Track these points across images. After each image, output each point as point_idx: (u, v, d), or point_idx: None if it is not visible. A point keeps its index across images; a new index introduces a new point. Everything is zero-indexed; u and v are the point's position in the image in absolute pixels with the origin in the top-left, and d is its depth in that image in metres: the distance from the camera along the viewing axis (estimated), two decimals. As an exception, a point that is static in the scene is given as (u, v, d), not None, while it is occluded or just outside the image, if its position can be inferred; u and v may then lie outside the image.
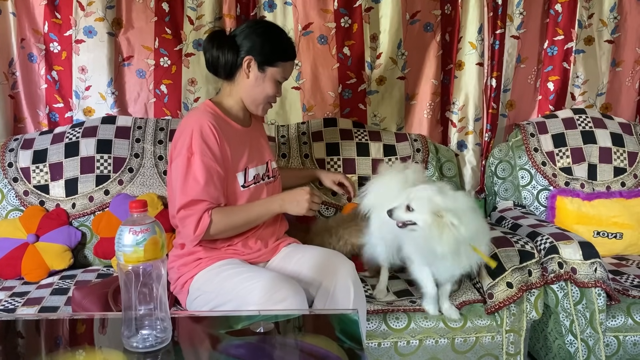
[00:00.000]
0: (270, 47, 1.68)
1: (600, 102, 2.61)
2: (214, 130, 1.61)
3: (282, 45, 1.71)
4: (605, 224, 2.27)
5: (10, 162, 2.15)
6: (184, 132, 1.63)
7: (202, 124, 1.61)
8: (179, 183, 1.60)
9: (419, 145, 2.39)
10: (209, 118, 1.63)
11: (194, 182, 1.58)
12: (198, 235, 1.59)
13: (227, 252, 1.70)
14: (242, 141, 1.73)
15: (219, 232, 1.63)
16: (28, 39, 2.29)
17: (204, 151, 1.59)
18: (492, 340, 1.82)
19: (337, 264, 1.64)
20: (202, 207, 1.58)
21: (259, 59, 1.67)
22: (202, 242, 1.68)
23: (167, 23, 2.31)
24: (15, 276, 1.98)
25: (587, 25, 2.52)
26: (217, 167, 1.61)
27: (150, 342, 1.07)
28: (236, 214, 1.66)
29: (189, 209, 1.58)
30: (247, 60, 1.67)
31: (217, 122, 1.64)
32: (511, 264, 1.79)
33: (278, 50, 1.69)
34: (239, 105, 1.75)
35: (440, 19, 2.46)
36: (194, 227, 1.58)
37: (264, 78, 1.69)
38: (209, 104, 1.72)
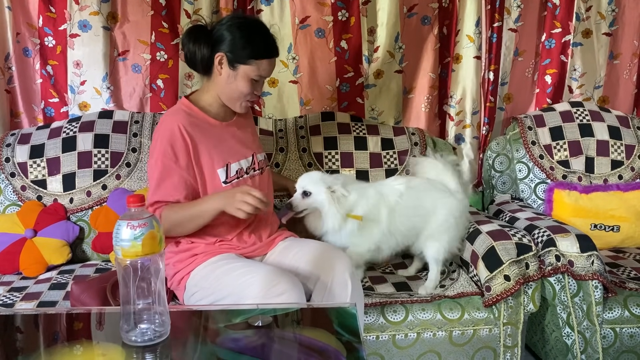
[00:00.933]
0: (243, 44, 1.63)
1: (597, 95, 2.61)
2: (184, 131, 1.62)
3: (256, 42, 1.65)
4: (602, 217, 2.27)
5: (8, 157, 2.14)
6: (156, 133, 1.66)
7: (171, 127, 1.62)
8: (150, 181, 1.66)
9: (417, 138, 2.39)
10: (180, 118, 1.64)
11: (155, 185, 1.62)
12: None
13: (222, 247, 1.70)
14: (221, 137, 1.71)
15: (168, 228, 1.60)
16: (23, 33, 2.28)
17: (167, 153, 1.61)
18: (490, 332, 1.83)
19: (334, 258, 1.64)
20: (157, 207, 1.61)
21: (230, 56, 1.64)
22: (196, 238, 1.69)
23: (164, 17, 2.30)
24: (13, 271, 1.98)
25: (584, 18, 2.51)
26: (179, 169, 1.62)
27: (148, 336, 1.08)
28: (182, 209, 1.62)
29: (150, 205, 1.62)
30: (219, 56, 1.65)
31: (191, 120, 1.65)
32: (509, 257, 1.79)
33: (251, 48, 1.64)
34: (217, 101, 1.73)
35: (437, 12, 2.46)
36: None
37: (235, 76, 1.66)
38: (184, 101, 1.72)
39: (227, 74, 1.66)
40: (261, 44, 1.66)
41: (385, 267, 2.06)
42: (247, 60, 1.64)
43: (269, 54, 1.67)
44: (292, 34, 2.38)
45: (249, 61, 1.64)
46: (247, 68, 1.64)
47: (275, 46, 1.70)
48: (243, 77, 1.65)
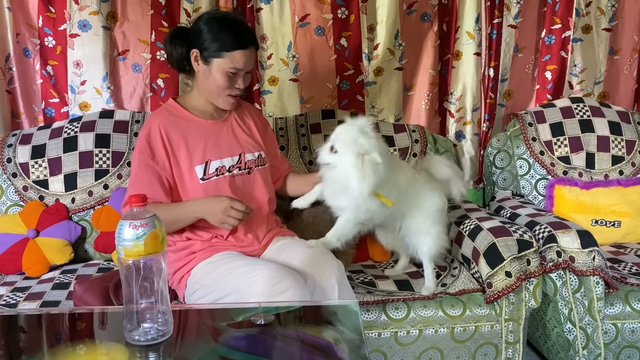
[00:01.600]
0: (212, 37, 1.64)
1: (598, 91, 2.61)
2: (162, 129, 1.67)
3: (225, 35, 1.64)
4: (603, 213, 2.27)
5: (9, 157, 2.14)
6: (139, 133, 1.72)
7: (150, 126, 1.68)
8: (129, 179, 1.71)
9: (417, 136, 2.39)
10: (161, 118, 1.70)
11: (131, 182, 1.68)
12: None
13: (219, 245, 1.71)
14: (205, 134, 1.72)
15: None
16: (22, 34, 2.28)
17: (144, 151, 1.66)
18: (492, 329, 1.83)
19: (323, 262, 1.64)
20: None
21: (202, 51, 1.66)
22: (191, 234, 1.70)
23: (164, 16, 2.30)
24: (16, 271, 1.98)
25: (584, 14, 2.51)
26: (155, 165, 1.66)
27: (152, 335, 1.08)
28: (161, 210, 1.60)
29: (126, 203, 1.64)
30: (193, 53, 1.68)
31: (172, 119, 1.70)
32: (510, 254, 1.79)
33: (220, 41, 1.63)
34: (204, 101, 1.76)
35: (437, 9, 2.45)
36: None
37: (210, 70, 1.67)
38: (169, 102, 1.77)
39: (202, 70, 1.69)
40: (230, 36, 1.64)
41: (387, 265, 2.07)
42: (218, 54, 1.64)
43: (240, 45, 1.64)
44: (291, 32, 2.38)
45: (220, 54, 1.64)
46: (220, 61, 1.64)
47: (247, 37, 1.67)
48: (217, 71, 1.66)
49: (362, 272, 1.98)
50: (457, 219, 2.10)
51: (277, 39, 2.39)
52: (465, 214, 2.09)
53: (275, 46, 2.39)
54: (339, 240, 1.70)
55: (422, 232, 1.86)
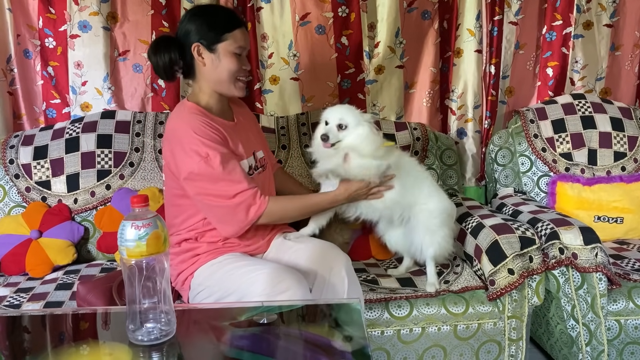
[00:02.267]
0: (208, 24, 1.64)
1: (599, 87, 2.61)
2: (207, 124, 1.61)
3: (219, 17, 1.67)
4: (605, 209, 2.27)
5: (12, 158, 2.15)
6: (182, 139, 1.60)
7: (192, 125, 1.60)
8: (212, 185, 1.59)
9: (419, 133, 2.39)
10: (198, 118, 1.62)
11: (225, 180, 1.58)
12: (252, 219, 1.61)
13: (225, 247, 1.71)
14: (231, 134, 1.70)
15: (273, 219, 1.66)
16: (23, 35, 2.28)
17: (214, 147, 1.58)
18: (495, 326, 1.83)
19: (331, 256, 1.65)
20: (246, 195, 1.59)
21: (205, 41, 1.64)
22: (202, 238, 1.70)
23: (164, 16, 2.30)
24: (19, 272, 1.99)
25: (585, 10, 2.51)
26: (232, 155, 1.62)
27: (155, 335, 1.08)
28: (294, 202, 1.72)
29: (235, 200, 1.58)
30: (195, 47, 1.65)
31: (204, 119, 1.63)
32: (512, 251, 1.79)
33: (218, 24, 1.64)
34: (214, 98, 1.71)
35: (437, 6, 2.45)
36: (246, 212, 1.60)
37: (218, 57, 1.65)
38: (188, 104, 1.68)
39: (210, 60, 1.65)
40: (226, 17, 1.67)
41: (390, 264, 2.07)
42: (221, 37, 1.64)
43: (237, 23, 1.67)
44: (292, 31, 2.38)
45: (223, 37, 1.64)
46: (225, 44, 1.64)
47: (238, 16, 1.72)
48: (225, 55, 1.65)
49: (365, 271, 1.98)
50: (459, 217, 2.10)
51: (278, 37, 2.39)
52: (468, 212, 2.09)
53: (276, 45, 2.39)
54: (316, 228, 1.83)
55: (429, 231, 1.84)
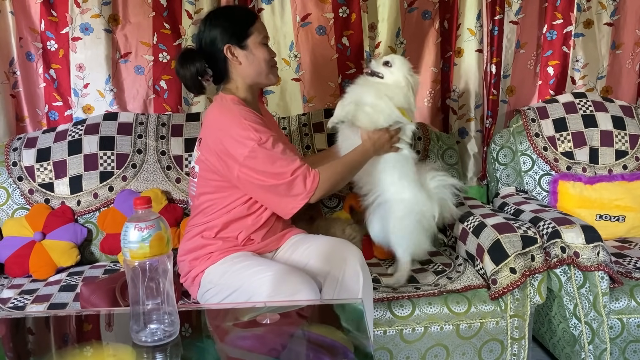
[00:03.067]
0: (232, 24, 1.71)
1: (600, 86, 2.60)
2: (251, 112, 1.67)
3: (239, 15, 1.75)
4: (607, 207, 2.27)
5: (15, 161, 2.16)
6: (230, 128, 1.63)
7: (241, 113, 1.65)
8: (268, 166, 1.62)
9: (420, 133, 2.39)
10: (244, 107, 1.68)
11: (281, 159, 1.62)
12: (310, 190, 1.63)
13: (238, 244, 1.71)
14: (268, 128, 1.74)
15: (327, 189, 1.68)
16: (25, 38, 2.29)
17: (263, 131, 1.63)
18: (497, 325, 1.84)
19: (345, 251, 1.65)
20: (302, 170, 1.63)
21: (235, 41, 1.70)
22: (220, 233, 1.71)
23: (165, 18, 2.31)
24: (23, 274, 2.00)
25: (586, 9, 2.50)
26: (277, 135, 1.68)
27: (158, 336, 1.09)
28: (338, 165, 1.75)
29: (292, 176, 1.62)
30: (227, 49, 1.69)
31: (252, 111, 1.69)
32: (514, 250, 1.80)
33: (240, 21, 1.72)
34: (251, 94, 1.78)
35: (438, 6, 2.46)
36: (303, 184, 1.63)
37: (251, 51, 1.71)
38: (231, 97, 1.72)
39: (244, 56, 1.71)
40: (243, 13, 1.77)
41: (392, 262, 2.07)
42: (247, 32, 1.71)
43: (254, 16, 1.78)
44: (293, 32, 2.38)
45: (249, 31, 1.71)
46: (252, 38, 1.71)
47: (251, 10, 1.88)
48: (256, 47, 1.71)
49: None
50: (461, 216, 2.10)
51: (279, 38, 2.39)
52: (469, 211, 2.09)
53: (277, 46, 2.39)
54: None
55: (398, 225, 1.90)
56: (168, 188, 2.16)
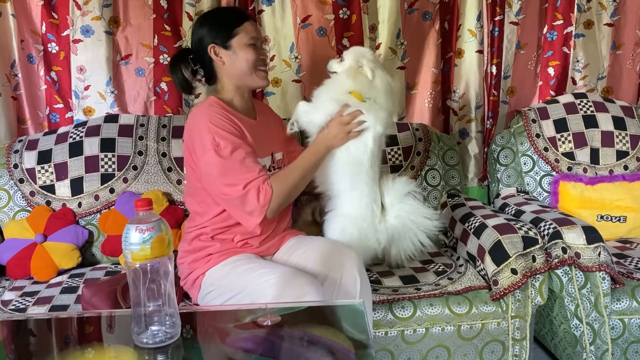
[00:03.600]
0: (218, 24, 1.72)
1: (601, 86, 2.60)
2: (223, 117, 1.64)
3: (226, 15, 1.75)
4: (608, 208, 2.27)
5: (16, 163, 2.16)
6: (200, 130, 1.63)
7: (209, 116, 1.64)
8: (221, 176, 1.60)
9: (421, 134, 2.39)
10: (216, 110, 1.66)
11: (235, 169, 1.59)
12: (263, 205, 1.58)
13: (238, 247, 1.71)
14: (252, 133, 1.72)
15: (284, 199, 1.64)
16: (27, 40, 2.30)
17: (226, 137, 1.61)
18: (498, 326, 1.84)
19: (342, 254, 1.65)
20: (256, 182, 1.59)
21: (218, 40, 1.71)
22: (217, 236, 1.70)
23: (166, 20, 2.31)
24: (24, 276, 2.00)
25: (586, 9, 2.51)
26: (244, 145, 1.63)
27: (160, 338, 1.09)
28: (290, 173, 1.68)
29: (244, 189, 1.59)
30: (211, 49, 1.71)
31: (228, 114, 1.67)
32: (515, 251, 1.80)
33: (226, 21, 1.71)
34: (237, 95, 1.76)
35: (438, 7, 2.46)
36: (257, 198, 1.58)
37: (234, 51, 1.70)
38: (213, 99, 1.72)
39: (228, 57, 1.71)
40: (232, 14, 1.76)
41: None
42: (232, 32, 1.70)
43: (244, 17, 1.74)
44: (293, 33, 2.38)
45: (234, 32, 1.70)
46: (238, 38, 1.70)
47: (243, 11, 1.82)
48: (241, 48, 1.70)
49: (368, 270, 1.97)
50: (462, 217, 2.10)
51: (280, 40, 2.40)
52: (470, 212, 2.09)
53: (277, 47, 2.40)
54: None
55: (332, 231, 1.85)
56: (169, 190, 2.17)
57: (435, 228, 1.91)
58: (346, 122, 1.72)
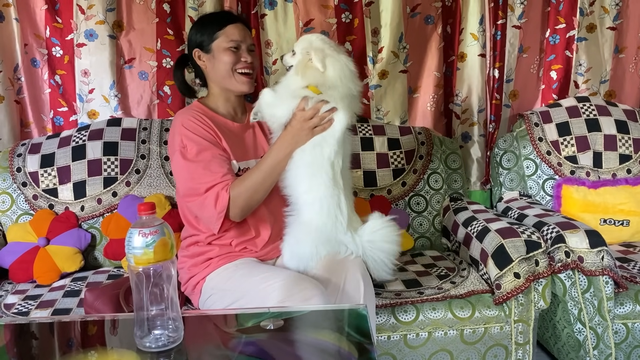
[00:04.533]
0: (202, 29, 1.74)
1: (604, 90, 2.60)
2: (198, 119, 1.66)
3: (209, 20, 1.76)
4: (611, 212, 2.27)
5: (19, 167, 2.17)
6: (173, 132, 1.69)
7: (183, 118, 1.67)
8: (185, 180, 1.63)
9: (423, 138, 2.39)
10: (192, 113, 1.69)
11: (197, 172, 1.60)
12: (220, 211, 1.56)
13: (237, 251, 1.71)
14: (231, 135, 1.72)
15: (244, 202, 1.59)
16: (30, 44, 2.31)
17: (194, 139, 1.63)
18: (501, 330, 1.83)
19: (345, 259, 1.64)
20: (216, 188, 1.58)
21: (201, 45, 1.73)
22: (215, 241, 1.70)
23: (169, 24, 2.32)
24: (27, 279, 2.00)
25: (588, 13, 2.51)
26: (212, 148, 1.63)
27: (162, 342, 1.09)
28: (249, 175, 1.61)
29: (205, 193, 1.58)
30: (195, 53, 1.75)
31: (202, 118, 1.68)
32: (518, 255, 1.79)
33: (208, 26, 1.73)
34: (222, 99, 1.78)
35: (441, 11, 2.46)
36: (214, 204, 1.57)
37: (214, 54, 1.72)
38: (196, 103, 1.77)
39: (209, 60, 1.74)
40: (216, 18, 1.76)
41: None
42: (212, 37, 1.72)
43: (227, 21, 1.73)
44: (296, 37, 2.39)
45: (214, 36, 1.71)
46: (217, 42, 1.71)
47: (230, 15, 1.79)
48: (219, 51, 1.71)
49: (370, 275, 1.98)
50: (464, 221, 2.10)
51: (282, 44, 2.40)
52: (473, 216, 2.09)
53: (280, 51, 2.40)
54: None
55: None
56: (171, 193, 2.17)
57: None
58: (309, 117, 1.57)
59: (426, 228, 2.33)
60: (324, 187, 1.61)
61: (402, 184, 2.33)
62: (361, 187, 2.30)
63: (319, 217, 1.61)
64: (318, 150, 1.60)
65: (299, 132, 1.59)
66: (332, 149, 1.60)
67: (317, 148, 1.60)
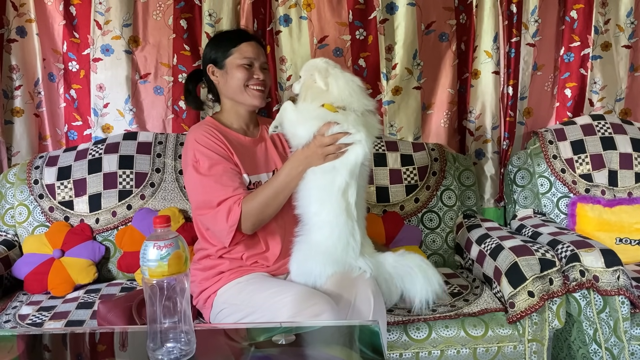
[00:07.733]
0: (217, 46, 1.80)
1: (619, 108, 2.59)
2: (210, 134, 1.70)
3: (223, 37, 1.83)
4: (627, 231, 2.24)
5: (36, 179, 2.20)
6: (186, 147, 1.73)
7: (196, 134, 1.71)
8: (197, 194, 1.67)
9: (437, 154, 2.39)
10: (205, 128, 1.73)
11: (210, 186, 1.63)
12: (232, 224, 1.59)
13: (248, 265, 1.71)
14: (243, 149, 1.75)
15: (256, 217, 1.61)
16: (48, 59, 2.35)
17: (206, 153, 1.66)
18: (515, 349, 1.81)
19: (356, 276, 1.64)
20: (229, 202, 1.60)
21: (215, 61, 1.79)
22: (225, 254, 1.70)
23: (185, 40, 2.35)
24: (42, 291, 2.02)
25: (603, 31, 2.50)
26: (224, 162, 1.66)
27: (175, 355, 1.09)
28: (262, 190, 1.63)
29: (217, 207, 1.61)
30: (209, 69, 1.80)
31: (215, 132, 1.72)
32: (532, 273, 1.77)
33: (222, 43, 1.79)
34: (234, 114, 1.82)
35: (455, 28, 2.47)
36: (226, 218, 1.59)
37: (227, 70, 1.77)
38: (208, 118, 1.82)
39: (222, 76, 1.78)
40: (231, 36, 1.82)
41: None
42: (226, 54, 1.77)
43: (242, 38, 1.78)
44: (310, 53, 2.41)
45: (228, 53, 1.77)
46: (231, 58, 1.76)
47: (245, 33, 1.84)
48: (232, 68, 1.76)
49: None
50: (477, 238, 2.08)
51: (296, 60, 2.42)
52: (487, 233, 2.08)
53: (294, 68, 2.42)
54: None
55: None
56: (185, 207, 2.18)
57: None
58: (326, 144, 1.57)
59: (439, 245, 2.32)
60: (334, 215, 1.60)
61: (415, 200, 2.32)
62: (374, 202, 2.30)
63: (329, 240, 1.62)
64: (329, 178, 1.60)
65: (313, 155, 1.60)
66: (344, 179, 1.59)
67: (328, 175, 1.60)
